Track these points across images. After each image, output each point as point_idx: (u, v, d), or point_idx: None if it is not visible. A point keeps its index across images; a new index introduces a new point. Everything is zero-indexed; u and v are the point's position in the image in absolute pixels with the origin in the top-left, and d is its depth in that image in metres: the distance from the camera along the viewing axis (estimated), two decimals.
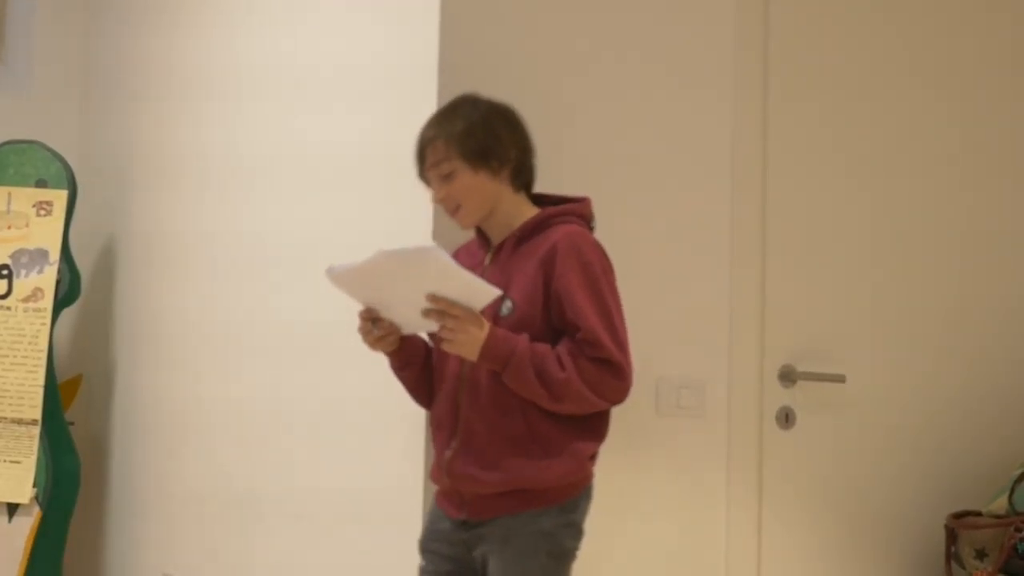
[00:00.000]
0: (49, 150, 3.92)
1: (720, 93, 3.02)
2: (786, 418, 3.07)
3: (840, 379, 3.10)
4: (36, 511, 3.64)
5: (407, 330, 2.38)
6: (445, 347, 2.28)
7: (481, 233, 2.46)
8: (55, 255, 3.81)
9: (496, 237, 2.42)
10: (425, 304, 2.24)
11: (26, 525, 3.64)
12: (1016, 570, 3.01)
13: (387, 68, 2.89)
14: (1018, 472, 3.16)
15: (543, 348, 2.26)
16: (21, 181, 3.88)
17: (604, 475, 2.48)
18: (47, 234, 3.82)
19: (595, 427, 2.36)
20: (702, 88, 3.01)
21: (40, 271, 3.80)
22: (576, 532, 2.36)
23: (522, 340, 2.26)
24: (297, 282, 3.15)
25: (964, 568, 3.11)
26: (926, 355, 3.28)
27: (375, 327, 2.36)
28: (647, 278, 2.86)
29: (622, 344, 2.29)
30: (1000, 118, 3.42)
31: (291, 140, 3.24)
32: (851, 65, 3.22)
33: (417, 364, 2.45)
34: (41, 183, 3.88)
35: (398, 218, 2.77)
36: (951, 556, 3.14)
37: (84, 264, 4.01)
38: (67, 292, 3.86)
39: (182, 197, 3.76)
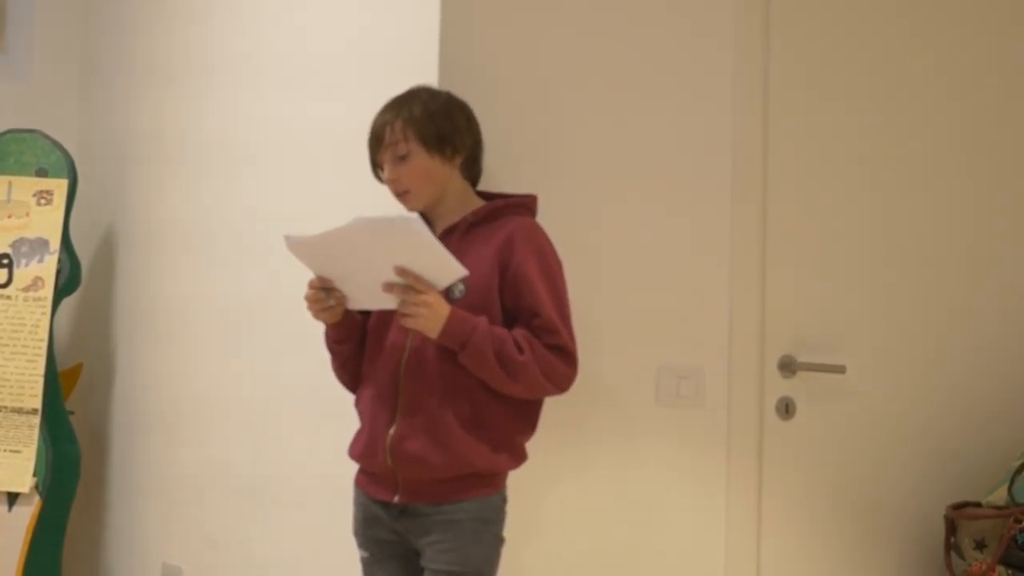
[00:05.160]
0: (49, 139, 3.91)
1: (721, 87, 3.01)
2: (786, 408, 3.06)
3: (840, 370, 3.10)
4: (36, 500, 3.64)
5: (354, 305, 2.40)
6: (406, 323, 2.30)
7: (425, 220, 2.48)
8: (55, 244, 3.80)
9: (441, 224, 2.46)
10: (390, 277, 2.26)
11: (26, 514, 3.63)
12: (1015, 561, 3.01)
13: (388, 56, 2.89)
14: (1018, 463, 3.16)
15: (502, 331, 2.32)
16: (21, 170, 3.88)
17: (604, 464, 2.48)
18: (47, 223, 3.82)
19: (531, 417, 2.43)
20: (703, 82, 3.00)
21: (40, 260, 3.80)
22: (504, 519, 2.42)
23: (482, 321, 2.31)
24: (297, 267, 3.15)
25: (963, 559, 3.11)
26: (927, 346, 3.28)
27: (328, 296, 2.38)
28: (648, 267, 2.85)
29: (572, 333, 2.38)
30: (1002, 116, 3.42)
31: (291, 126, 3.24)
32: (850, 57, 3.22)
33: (355, 339, 2.49)
34: (41, 172, 3.88)
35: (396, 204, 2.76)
36: (950, 547, 3.14)
37: (84, 253, 4.00)
38: (67, 281, 3.85)
39: (182, 185, 3.76)
